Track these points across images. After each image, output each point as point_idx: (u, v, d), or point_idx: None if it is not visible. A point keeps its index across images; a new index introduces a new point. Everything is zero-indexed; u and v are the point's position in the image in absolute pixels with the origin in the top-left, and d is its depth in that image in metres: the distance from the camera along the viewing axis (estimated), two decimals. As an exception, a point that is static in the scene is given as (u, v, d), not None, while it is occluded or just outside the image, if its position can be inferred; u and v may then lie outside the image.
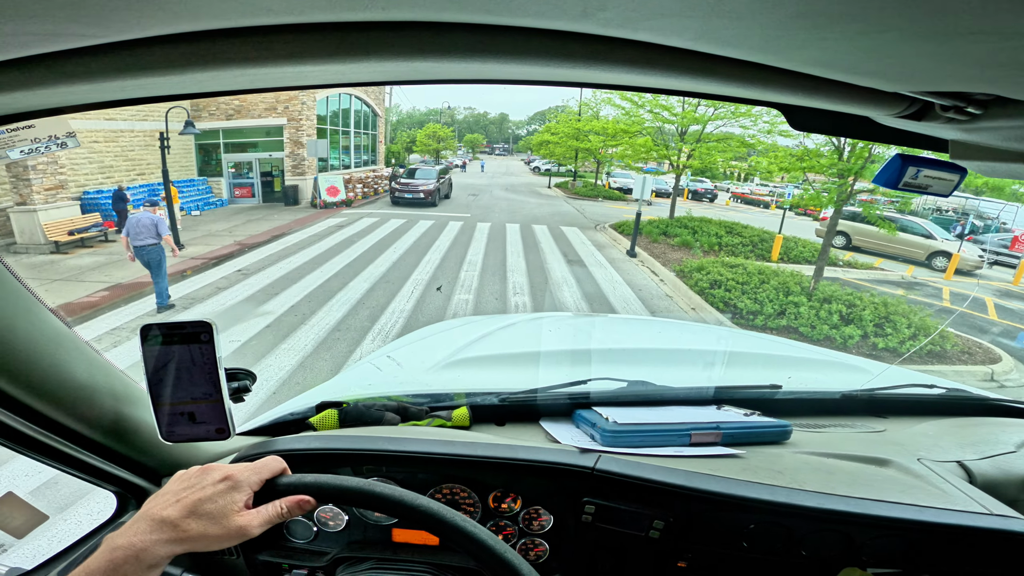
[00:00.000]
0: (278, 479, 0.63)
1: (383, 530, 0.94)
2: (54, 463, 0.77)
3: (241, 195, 16.87)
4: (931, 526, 0.84)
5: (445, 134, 38.28)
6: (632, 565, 0.93)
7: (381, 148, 24.66)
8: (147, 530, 0.55)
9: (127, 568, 0.52)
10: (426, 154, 38.17)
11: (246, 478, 0.61)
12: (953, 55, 0.40)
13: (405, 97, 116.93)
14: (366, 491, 0.60)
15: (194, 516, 0.56)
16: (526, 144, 63.84)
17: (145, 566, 0.53)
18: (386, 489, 0.61)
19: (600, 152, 22.38)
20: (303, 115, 16.52)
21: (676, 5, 0.36)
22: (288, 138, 16.69)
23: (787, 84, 0.52)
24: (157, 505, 0.57)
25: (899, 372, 1.63)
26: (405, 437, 0.96)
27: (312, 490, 0.61)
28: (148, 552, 0.53)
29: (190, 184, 15.22)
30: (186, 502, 0.58)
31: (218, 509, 0.57)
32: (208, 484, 0.59)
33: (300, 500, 0.61)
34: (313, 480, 0.62)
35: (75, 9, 0.36)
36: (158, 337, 0.63)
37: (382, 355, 1.94)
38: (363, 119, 22.19)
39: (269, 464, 0.64)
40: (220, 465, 0.63)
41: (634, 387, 1.23)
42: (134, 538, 0.54)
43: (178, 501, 0.58)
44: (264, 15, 0.41)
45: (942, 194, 0.78)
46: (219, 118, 16.28)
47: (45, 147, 0.68)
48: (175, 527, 0.55)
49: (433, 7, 0.40)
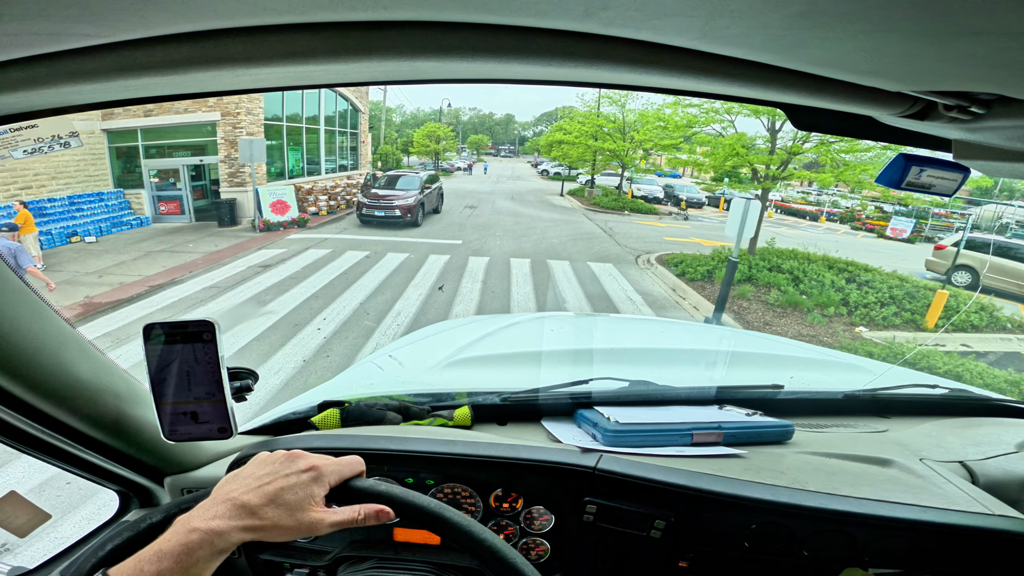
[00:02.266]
0: (354, 481, 0.61)
1: (385, 529, 0.94)
2: (57, 462, 0.78)
3: (168, 211, 12.75)
4: (933, 526, 0.84)
5: (445, 134, 34.57)
6: (633, 565, 0.93)
7: (365, 150, 20.33)
8: (226, 514, 0.53)
9: (201, 552, 0.50)
10: (424, 156, 34.97)
11: (329, 473, 0.59)
12: (956, 55, 0.39)
13: (409, 97, 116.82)
14: (440, 516, 0.60)
15: (274, 505, 0.54)
16: (533, 145, 62.07)
17: (217, 551, 0.51)
18: (456, 516, 0.60)
19: (630, 154, 18.60)
20: (243, 109, 12.41)
21: (678, 5, 0.36)
22: (223, 138, 12.45)
23: (790, 84, 0.52)
24: (238, 489, 0.55)
25: (901, 372, 1.63)
26: (407, 436, 0.96)
27: (394, 503, 0.60)
28: (224, 537, 0.51)
29: (96, 199, 11.48)
30: (268, 489, 0.55)
31: (297, 500, 0.55)
32: (292, 473, 0.58)
33: (379, 510, 0.58)
34: (388, 490, 0.61)
35: (78, 9, 0.36)
36: (160, 336, 0.63)
37: (384, 354, 1.94)
38: (340, 116, 17.90)
39: (352, 463, 0.62)
40: (305, 453, 0.61)
41: (636, 387, 1.23)
42: (212, 521, 0.51)
43: (260, 487, 0.55)
44: (266, 15, 0.41)
45: (945, 194, 0.78)
46: (136, 114, 11.91)
47: (48, 147, 0.68)
48: (253, 514, 0.53)
49: (434, 7, 0.40)
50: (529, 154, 67.58)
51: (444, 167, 33.90)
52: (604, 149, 19.34)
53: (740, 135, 9.86)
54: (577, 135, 20.34)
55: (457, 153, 50.74)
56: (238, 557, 0.92)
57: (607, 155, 19.97)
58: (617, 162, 20.15)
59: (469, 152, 60.33)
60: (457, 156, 48.26)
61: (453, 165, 36.75)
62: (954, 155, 0.73)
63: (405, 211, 12.69)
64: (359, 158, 19.84)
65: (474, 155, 58.40)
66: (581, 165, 24.22)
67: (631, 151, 18.76)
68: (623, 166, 20.24)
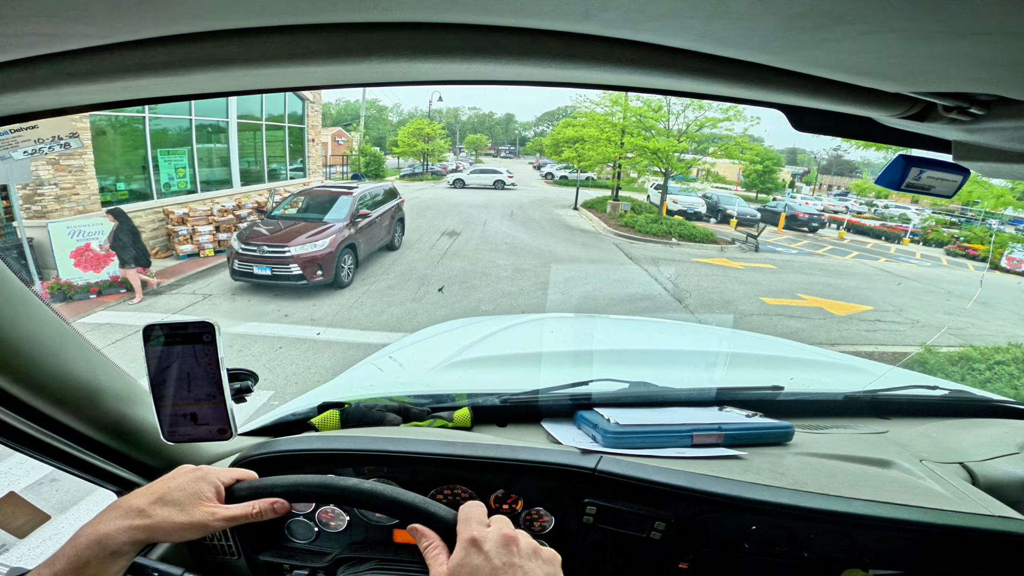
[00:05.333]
0: (240, 484, 0.66)
1: (384, 531, 0.94)
2: (56, 462, 0.78)
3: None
4: (933, 527, 0.84)
5: (434, 132, 28.98)
6: (633, 566, 0.92)
7: (314, 151, 14.62)
8: (112, 517, 0.56)
9: (89, 554, 0.53)
10: (412, 157, 29.53)
11: (217, 473, 0.64)
12: (956, 56, 0.39)
13: (408, 96, 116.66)
14: (323, 485, 0.65)
15: (161, 503, 0.58)
16: (535, 145, 59.45)
17: (108, 552, 0.54)
18: (337, 481, 0.65)
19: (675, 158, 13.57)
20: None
21: (678, 6, 0.36)
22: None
23: (789, 85, 0.52)
24: (129, 496, 0.59)
25: (901, 373, 1.63)
26: (406, 438, 0.96)
27: (278, 491, 0.64)
28: (110, 537, 0.54)
29: None
30: (155, 489, 0.60)
31: (185, 497, 0.59)
32: (180, 475, 0.62)
33: (273, 503, 0.63)
34: (273, 482, 0.65)
35: (78, 10, 0.36)
36: (160, 337, 0.63)
37: (384, 356, 1.94)
38: (270, 107, 12.46)
39: (243, 470, 0.68)
40: (195, 466, 0.66)
41: (636, 388, 1.23)
42: (99, 525, 0.55)
43: (148, 490, 0.60)
44: (266, 16, 0.41)
45: (945, 195, 0.78)
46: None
47: (48, 147, 0.69)
48: (140, 513, 0.57)
49: (434, 8, 0.40)
50: (530, 155, 65.07)
51: (435, 170, 29.85)
52: (647, 149, 13.98)
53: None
54: (605, 127, 14.87)
55: (455, 154, 47.01)
56: (238, 558, 0.92)
57: (650, 157, 14.35)
58: (660, 168, 14.57)
59: (467, 153, 56.70)
60: (455, 157, 43.06)
61: (445, 168, 31.46)
62: (954, 156, 0.73)
63: (309, 265, 6.90)
64: (306, 162, 14.36)
65: (471, 156, 53.48)
66: (596, 169, 18.51)
67: (680, 154, 13.86)
68: (666, 173, 14.63)
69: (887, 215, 21.11)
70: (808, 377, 1.66)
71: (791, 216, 17.45)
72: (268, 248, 7.00)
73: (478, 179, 24.55)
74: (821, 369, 1.80)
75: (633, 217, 14.39)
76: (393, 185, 10.47)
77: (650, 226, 13.37)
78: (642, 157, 14.68)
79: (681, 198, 17.54)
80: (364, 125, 33.90)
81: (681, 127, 14.04)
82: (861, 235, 19.03)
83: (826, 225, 19.01)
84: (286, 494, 0.64)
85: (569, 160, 18.36)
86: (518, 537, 0.54)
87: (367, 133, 29.43)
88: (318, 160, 15.24)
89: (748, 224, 15.30)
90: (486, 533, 0.54)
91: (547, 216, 15.64)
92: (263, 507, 0.62)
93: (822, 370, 1.79)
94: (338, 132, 30.90)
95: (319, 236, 7.28)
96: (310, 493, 0.65)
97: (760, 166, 7.78)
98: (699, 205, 17.84)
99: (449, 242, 10.47)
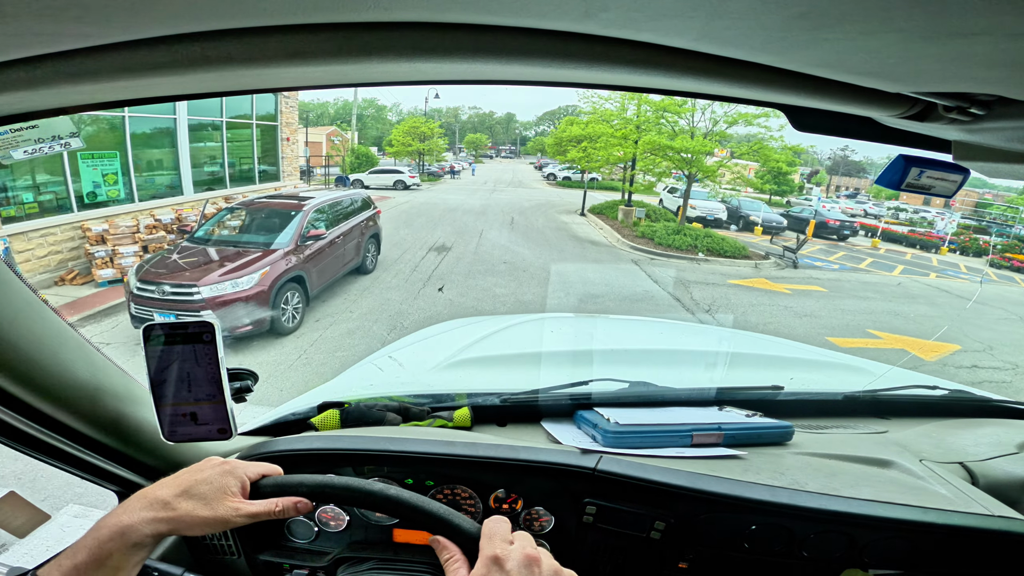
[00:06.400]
0: (265, 480, 0.64)
1: (384, 530, 0.94)
2: (56, 462, 0.78)
3: None
4: (933, 527, 0.84)
5: (431, 130, 27.45)
6: (633, 566, 0.92)
7: (289, 151, 12.88)
8: (136, 508, 0.55)
9: (111, 545, 0.52)
10: (408, 157, 27.75)
11: (244, 467, 0.63)
12: (956, 56, 0.39)
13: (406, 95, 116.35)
14: (347, 487, 0.63)
15: (186, 495, 0.57)
16: (536, 145, 58.62)
17: (130, 543, 0.53)
18: (364, 484, 0.63)
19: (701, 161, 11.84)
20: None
21: (678, 6, 0.36)
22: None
23: (789, 85, 0.52)
24: (154, 486, 0.58)
25: (901, 373, 1.63)
26: (406, 437, 0.96)
27: (303, 491, 0.63)
28: (133, 529, 0.53)
29: None
30: (181, 481, 0.59)
31: (211, 491, 0.58)
32: (206, 468, 0.61)
33: (297, 502, 0.62)
34: (301, 480, 0.64)
35: (78, 9, 0.36)
36: (160, 337, 0.63)
37: (384, 355, 1.94)
38: (229, 101, 10.65)
39: (271, 466, 0.66)
40: (223, 458, 0.65)
41: (636, 388, 1.23)
42: (122, 516, 0.54)
43: (174, 481, 0.59)
44: (266, 16, 0.41)
45: (945, 195, 0.78)
46: None
47: (48, 147, 0.68)
48: (165, 505, 0.56)
49: (434, 8, 0.40)
50: (531, 154, 63.89)
51: (432, 171, 28.57)
52: (671, 149, 12.13)
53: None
54: (617, 124, 13.32)
55: (455, 154, 45.70)
56: (238, 558, 0.92)
57: (673, 158, 12.46)
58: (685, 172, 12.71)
59: (467, 153, 55.49)
60: (454, 157, 41.35)
61: (443, 168, 30.05)
62: (954, 156, 0.73)
63: (228, 313, 5.00)
64: (280, 163, 12.55)
65: (471, 156, 52.01)
66: (602, 171, 16.92)
67: (704, 155, 12.13)
68: (690, 176, 12.77)
69: (915, 220, 19.54)
70: (808, 377, 1.66)
71: (820, 223, 15.10)
72: (171, 289, 4.85)
73: (377, 179, 21.36)
74: (821, 369, 1.80)
75: (650, 226, 12.56)
76: (367, 194, 8.62)
77: (671, 238, 11.54)
78: (660, 157, 12.71)
79: (700, 203, 15.62)
80: (358, 124, 32.48)
81: (708, 124, 12.41)
82: (893, 242, 17.60)
83: (857, 233, 17.29)
84: (312, 494, 0.63)
85: (575, 161, 17.00)
86: (540, 558, 0.54)
87: (365, 132, 28.64)
88: (294, 161, 13.49)
89: (773, 231, 13.84)
90: (509, 552, 0.53)
91: (551, 224, 13.97)
92: (286, 505, 0.61)
93: (822, 370, 1.80)
94: (333, 131, 30.11)
95: (244, 270, 5.12)
96: (336, 494, 0.63)
97: (780, 166, 7.06)
98: (719, 211, 16.14)
99: (437, 260, 8.66)
